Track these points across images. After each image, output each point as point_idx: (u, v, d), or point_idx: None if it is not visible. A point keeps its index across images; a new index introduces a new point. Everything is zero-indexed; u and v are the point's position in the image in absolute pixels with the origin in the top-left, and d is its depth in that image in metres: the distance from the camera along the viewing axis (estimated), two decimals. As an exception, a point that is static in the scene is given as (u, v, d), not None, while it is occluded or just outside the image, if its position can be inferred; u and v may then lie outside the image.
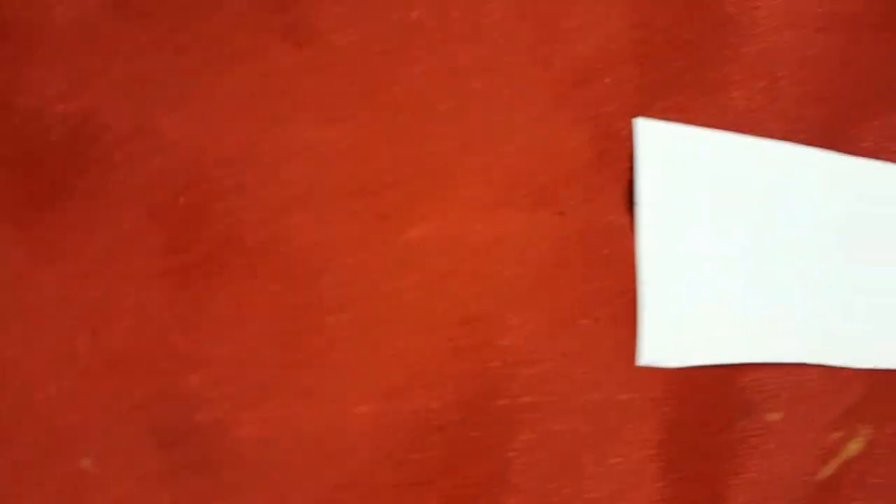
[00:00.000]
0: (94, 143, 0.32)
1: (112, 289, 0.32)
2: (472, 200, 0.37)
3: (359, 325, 0.35)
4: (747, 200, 0.43)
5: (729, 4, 0.44)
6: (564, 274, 0.39)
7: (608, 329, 0.39)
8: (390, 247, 0.36)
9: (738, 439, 0.42)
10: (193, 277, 0.33)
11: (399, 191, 0.36)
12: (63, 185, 0.33)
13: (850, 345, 0.44)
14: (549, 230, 0.39)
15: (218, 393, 0.33)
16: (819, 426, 0.44)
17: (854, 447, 0.45)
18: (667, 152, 0.41)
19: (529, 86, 0.39)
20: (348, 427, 0.34)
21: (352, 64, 0.36)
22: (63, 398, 0.32)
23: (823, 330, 0.43)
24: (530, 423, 0.38)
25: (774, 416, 0.43)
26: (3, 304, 0.33)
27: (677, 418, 0.41)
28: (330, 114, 0.35)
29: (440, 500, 0.36)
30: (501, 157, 0.38)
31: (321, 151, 0.35)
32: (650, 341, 0.40)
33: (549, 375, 0.38)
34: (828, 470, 0.44)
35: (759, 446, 0.43)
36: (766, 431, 0.43)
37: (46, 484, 0.31)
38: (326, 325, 0.34)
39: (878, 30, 0.47)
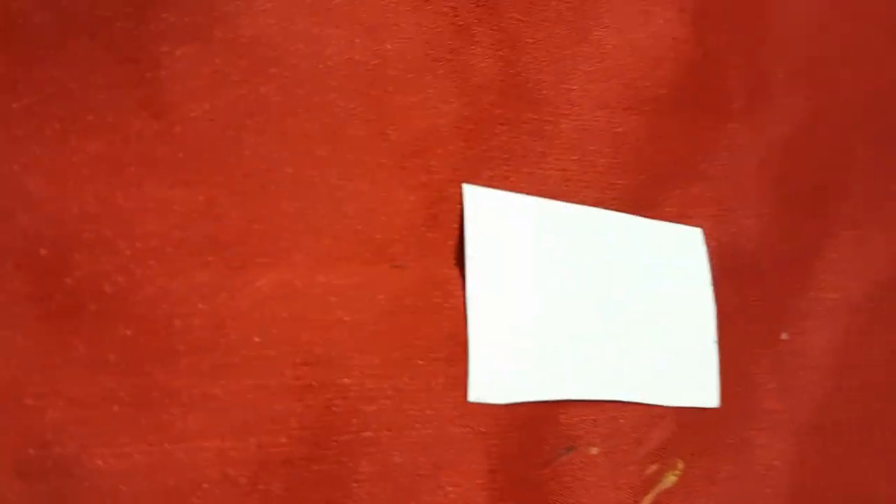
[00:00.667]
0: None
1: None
2: (317, 254, 0.41)
3: (208, 366, 0.37)
4: (563, 257, 0.47)
5: (544, 87, 0.49)
6: (401, 320, 0.42)
7: (441, 368, 0.43)
8: (240, 295, 0.39)
9: (563, 472, 0.46)
10: (55, 322, 0.35)
11: (249, 245, 0.39)
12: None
13: (659, 384, 0.49)
14: (387, 281, 0.42)
15: (75, 429, 0.34)
16: (635, 460, 0.48)
17: (669, 480, 0.49)
18: (491, 214, 0.46)
19: (369, 154, 0.43)
20: (196, 461, 0.36)
21: (204, 132, 0.39)
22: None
23: (635, 371, 0.48)
24: (371, 456, 0.41)
25: (593, 451, 0.47)
26: None
27: (505, 451, 0.44)
28: (182, 176, 0.38)
29: (282, 530, 0.38)
30: (343, 216, 0.42)
31: (174, 209, 0.37)
32: (478, 379, 0.43)
33: (388, 411, 0.41)
34: (644, 502, 0.48)
35: (581, 479, 0.46)
36: (587, 465, 0.47)
37: None
38: (177, 366, 0.36)
39: (678, 111, 0.53)
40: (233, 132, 0.40)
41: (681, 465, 0.49)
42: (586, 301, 0.47)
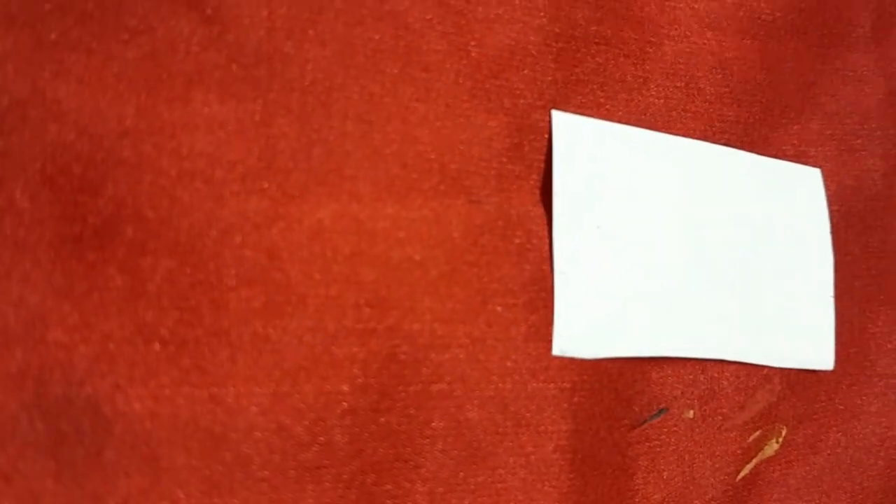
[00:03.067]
0: (-17, 107, 0.31)
1: (-1, 257, 0.30)
2: (384, 184, 0.37)
3: (261, 303, 0.34)
4: (664, 197, 0.43)
5: (648, 4, 0.44)
6: (477, 260, 0.38)
7: (522, 316, 0.39)
8: (298, 226, 0.35)
9: (652, 436, 0.42)
10: (86, 248, 0.32)
11: (308, 170, 0.35)
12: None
13: (768, 343, 0.44)
14: (462, 217, 0.38)
15: (108, 367, 0.31)
16: (736, 425, 0.44)
17: (770, 448, 0.45)
18: (583, 146, 0.41)
19: (445, 73, 0.39)
20: (246, 407, 0.33)
21: (260, 42, 0.35)
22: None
23: (740, 326, 0.43)
24: (443, 410, 0.37)
25: (689, 414, 0.42)
26: None
27: (590, 410, 0.40)
28: (235, 90, 0.34)
29: (343, 486, 0.35)
30: (414, 142, 0.38)
31: (225, 127, 0.34)
32: (564, 331, 0.39)
33: (462, 361, 0.37)
34: (745, 471, 0.44)
35: (673, 444, 0.42)
36: (680, 429, 0.43)
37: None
38: (225, 302, 0.33)
39: (796, 36, 0.48)
40: (293, 43, 0.36)
41: (784, 432, 0.45)
42: (688, 247, 0.43)
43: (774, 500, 0.45)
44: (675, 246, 0.42)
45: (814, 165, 0.47)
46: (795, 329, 0.45)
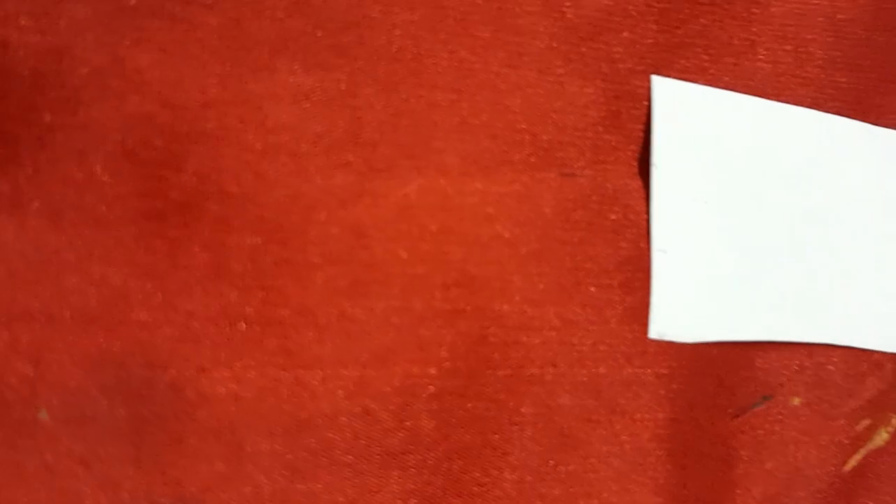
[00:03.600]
0: (64, 79, 0.30)
1: (79, 235, 0.30)
2: (473, 156, 0.35)
3: (347, 282, 0.33)
4: (772, 169, 0.40)
5: None
6: (570, 237, 0.37)
7: (617, 297, 0.37)
8: (384, 202, 0.34)
9: (756, 424, 0.40)
10: (168, 225, 0.31)
11: (395, 142, 0.34)
12: (28, 123, 0.31)
13: (880, 326, 0.42)
14: (554, 191, 0.37)
15: (192, 348, 0.31)
16: (844, 413, 0.42)
17: (881, 437, 0.43)
18: (686, 114, 0.39)
19: (538, 37, 0.37)
20: (333, 391, 0.32)
21: (346, 6, 0.34)
22: (21, 346, 0.30)
23: (850, 309, 0.41)
24: (534, 396, 0.36)
25: (795, 401, 0.41)
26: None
27: (689, 398, 0.39)
28: (321, 59, 0.33)
29: (429, 472, 0.34)
30: (506, 111, 0.36)
31: (311, 97, 0.33)
32: (662, 313, 0.38)
33: (553, 345, 0.36)
34: (853, 461, 0.42)
35: (778, 433, 0.41)
36: (786, 417, 0.41)
37: (1, 432, 0.30)
38: (311, 281, 0.32)
39: None
40: (380, 7, 0.35)
41: (895, 422, 0.43)
42: (796, 224, 0.41)
43: (884, 493, 0.43)
44: (783, 223, 0.40)
45: (933, 137, 0.44)
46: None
